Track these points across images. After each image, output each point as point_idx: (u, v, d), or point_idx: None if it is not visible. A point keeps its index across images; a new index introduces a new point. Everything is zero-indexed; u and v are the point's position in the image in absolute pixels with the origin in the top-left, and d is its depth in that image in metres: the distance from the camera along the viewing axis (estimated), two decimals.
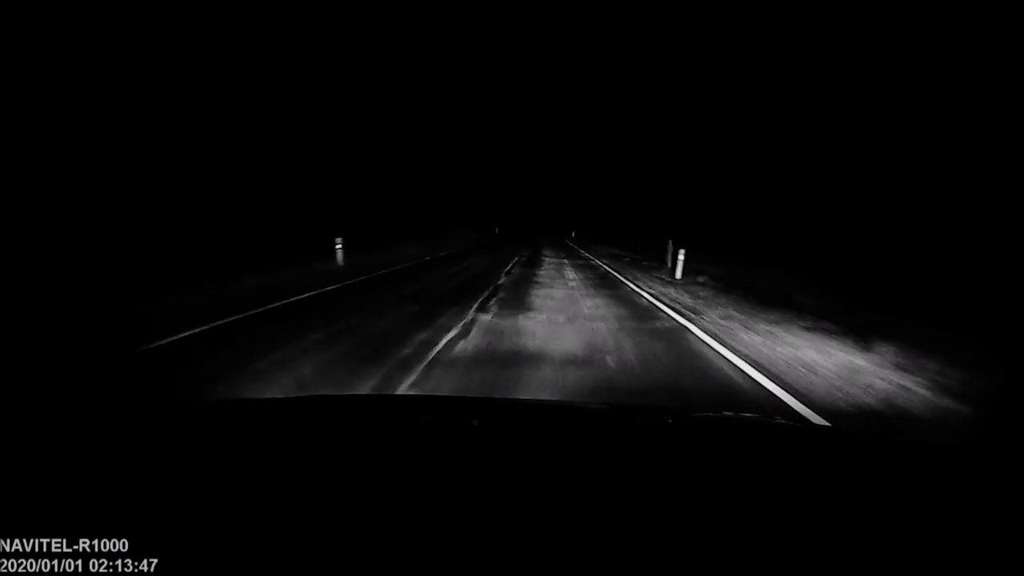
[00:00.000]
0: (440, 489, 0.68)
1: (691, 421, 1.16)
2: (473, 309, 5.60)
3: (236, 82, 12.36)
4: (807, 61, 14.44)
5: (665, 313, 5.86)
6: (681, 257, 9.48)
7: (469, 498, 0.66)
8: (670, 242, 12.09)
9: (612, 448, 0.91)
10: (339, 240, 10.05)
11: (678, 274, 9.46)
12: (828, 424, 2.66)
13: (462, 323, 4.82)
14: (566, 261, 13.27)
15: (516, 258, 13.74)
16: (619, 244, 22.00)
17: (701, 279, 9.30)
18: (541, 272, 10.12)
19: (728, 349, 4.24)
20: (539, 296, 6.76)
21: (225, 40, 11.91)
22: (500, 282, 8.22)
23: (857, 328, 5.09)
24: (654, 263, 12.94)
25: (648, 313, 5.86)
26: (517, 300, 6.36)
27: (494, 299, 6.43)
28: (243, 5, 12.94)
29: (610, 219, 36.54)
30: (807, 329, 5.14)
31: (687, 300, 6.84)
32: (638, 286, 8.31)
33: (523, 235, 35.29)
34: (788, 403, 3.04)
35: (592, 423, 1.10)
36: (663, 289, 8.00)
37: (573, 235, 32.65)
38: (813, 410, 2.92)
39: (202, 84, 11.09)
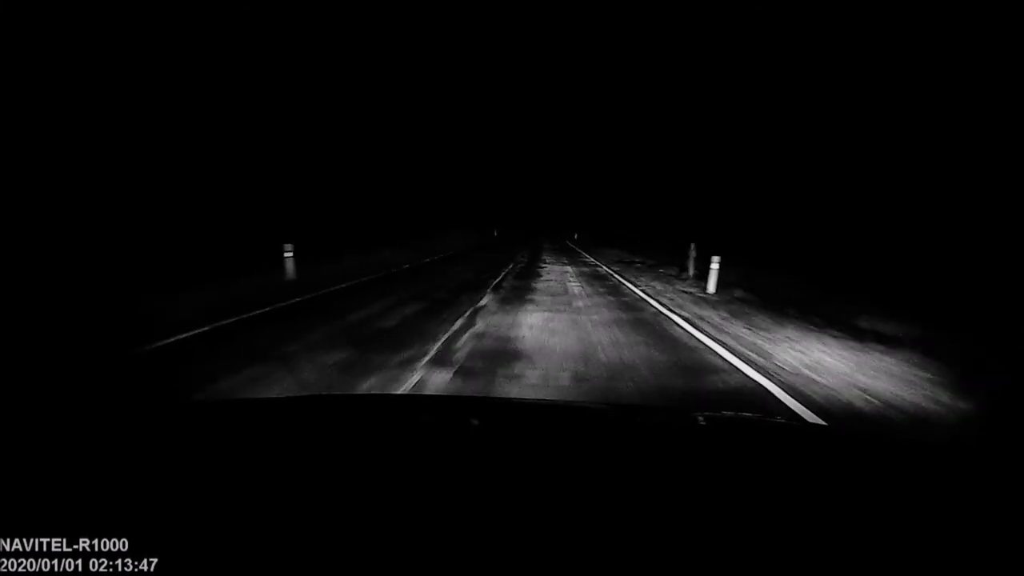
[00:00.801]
0: (439, 489, 0.66)
1: (691, 421, 1.11)
2: (429, 358, 3.66)
3: (208, 68, 10.76)
4: (808, 60, 13.82)
5: (722, 357, 3.92)
6: (715, 266, 7.51)
7: (469, 498, 0.64)
8: (692, 246, 10.18)
9: (612, 448, 0.88)
10: (288, 247, 8.06)
11: (711, 287, 7.52)
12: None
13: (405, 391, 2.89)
14: (569, 269, 11.28)
15: (511, 265, 11.74)
16: (623, 246, 20.47)
17: (739, 294, 7.37)
18: (539, 285, 8.11)
19: None
20: (533, 328, 4.80)
21: (202, 28, 10.35)
22: (482, 303, 6.22)
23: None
24: (671, 270, 11.01)
25: (695, 357, 3.92)
26: (500, 338, 4.41)
27: (467, 334, 4.47)
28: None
29: (611, 219, 34.85)
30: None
31: (741, 330, 4.89)
32: (662, 304, 6.38)
33: (523, 236, 33.60)
34: None
35: (592, 423, 1.08)
36: (699, 310, 6.06)
37: (575, 237, 30.58)
38: None
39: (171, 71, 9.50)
